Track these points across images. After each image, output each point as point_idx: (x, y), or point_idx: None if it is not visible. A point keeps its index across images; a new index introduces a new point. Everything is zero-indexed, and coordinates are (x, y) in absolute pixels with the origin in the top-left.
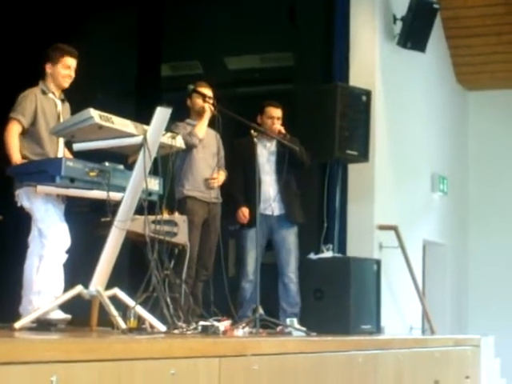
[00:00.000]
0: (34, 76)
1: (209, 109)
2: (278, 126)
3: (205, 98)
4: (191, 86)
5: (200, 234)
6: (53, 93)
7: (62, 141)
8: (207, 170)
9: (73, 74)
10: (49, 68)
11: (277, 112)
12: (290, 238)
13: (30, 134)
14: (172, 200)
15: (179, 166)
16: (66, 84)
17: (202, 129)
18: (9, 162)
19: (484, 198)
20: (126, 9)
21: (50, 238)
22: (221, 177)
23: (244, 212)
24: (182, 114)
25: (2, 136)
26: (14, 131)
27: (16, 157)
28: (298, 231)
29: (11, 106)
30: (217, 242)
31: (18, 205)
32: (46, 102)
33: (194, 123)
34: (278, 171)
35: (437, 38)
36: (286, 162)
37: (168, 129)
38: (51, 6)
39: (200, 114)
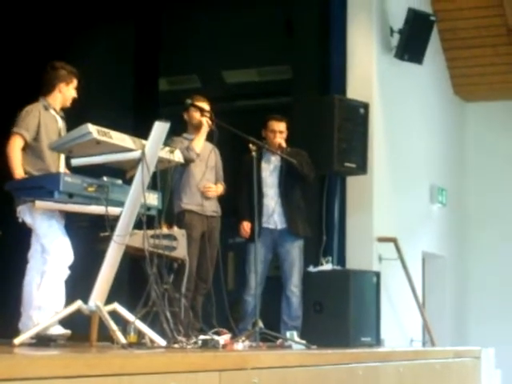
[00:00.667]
0: (32, 90)
1: (206, 123)
2: (278, 139)
3: (202, 111)
4: (189, 101)
5: (199, 248)
6: (54, 109)
7: (63, 156)
8: (205, 183)
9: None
10: (62, 87)
11: (279, 126)
12: (293, 251)
13: (32, 148)
14: (171, 214)
15: (177, 180)
16: (69, 104)
17: (199, 143)
18: (8, 177)
19: (483, 208)
20: (124, 23)
21: (52, 253)
22: (219, 189)
23: (245, 226)
24: (179, 128)
25: (4, 151)
26: (16, 146)
27: (18, 172)
28: (302, 245)
29: (10, 120)
30: (216, 255)
31: (20, 220)
32: (48, 118)
33: (191, 137)
34: (280, 185)
35: (434, 49)
36: (289, 176)
37: (165, 144)
38: (48, 21)
39: (197, 128)
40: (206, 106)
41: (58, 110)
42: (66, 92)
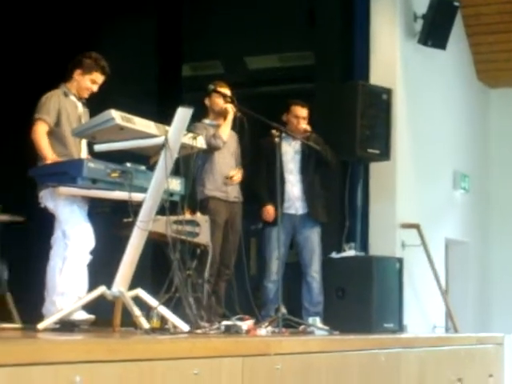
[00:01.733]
0: (56, 77)
1: (231, 109)
2: (303, 125)
3: (226, 98)
4: (211, 86)
5: (222, 234)
6: (74, 95)
7: (84, 142)
8: (227, 169)
9: (96, 90)
10: (77, 74)
11: (302, 111)
12: (313, 237)
13: (54, 134)
14: (193, 200)
15: (200, 167)
16: (86, 95)
17: (226, 131)
18: (30, 163)
19: (506, 194)
20: (146, 9)
21: (73, 238)
22: (239, 174)
23: (269, 210)
24: (202, 114)
25: (30, 138)
26: (41, 131)
27: (50, 155)
28: (321, 231)
29: (31, 107)
30: (238, 240)
31: (42, 206)
32: (69, 104)
33: (213, 123)
34: (302, 170)
35: (457, 35)
36: (310, 162)
37: (187, 130)
38: (72, 9)
39: (220, 114)
40: (228, 91)
41: (80, 97)
42: (80, 80)
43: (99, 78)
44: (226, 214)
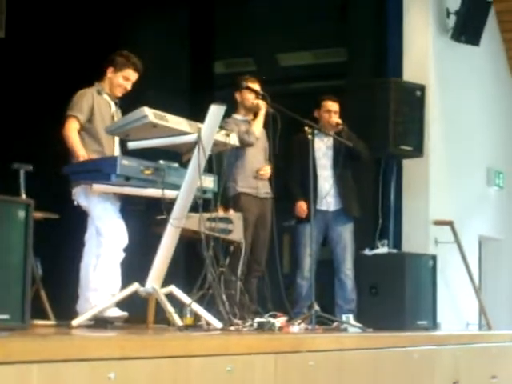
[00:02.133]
0: (90, 76)
1: (263, 106)
2: (335, 118)
3: (258, 94)
4: (244, 83)
5: (253, 230)
6: (107, 94)
7: (117, 139)
8: (258, 165)
9: (129, 87)
10: (110, 72)
11: (334, 106)
12: (345, 234)
13: (87, 131)
14: (225, 197)
15: (231, 163)
16: (119, 94)
17: (259, 127)
18: (65, 161)
19: None
20: (179, 6)
21: (107, 236)
22: (269, 169)
23: (301, 206)
24: (232, 109)
25: (61, 134)
26: (72, 128)
27: (81, 153)
28: (353, 227)
29: (65, 105)
30: (269, 237)
31: (75, 203)
32: (102, 102)
33: (244, 119)
34: (334, 166)
35: (491, 31)
36: (343, 157)
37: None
38: (105, 6)
39: (251, 110)
40: (257, 86)
41: (113, 96)
42: (113, 78)
43: (131, 74)
44: (257, 210)
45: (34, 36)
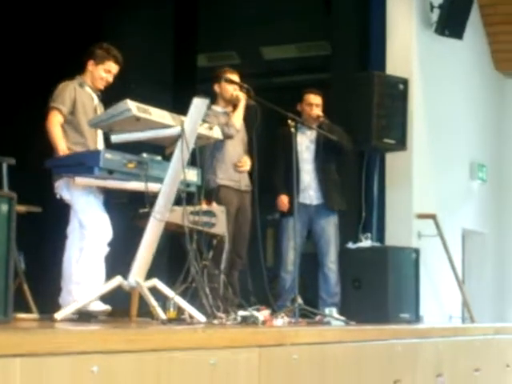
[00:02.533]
0: (71, 69)
1: (243, 97)
2: (316, 111)
3: (241, 86)
4: (226, 76)
5: (233, 223)
6: (90, 87)
7: (101, 132)
8: (237, 157)
9: (111, 80)
10: (90, 65)
11: (316, 99)
12: (329, 227)
13: (69, 123)
14: (204, 189)
15: (209, 155)
16: (101, 86)
17: (239, 119)
18: (48, 154)
19: None
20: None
21: (90, 228)
22: (248, 161)
23: (283, 199)
24: (211, 101)
25: (44, 127)
26: (55, 120)
27: (61, 147)
28: (337, 221)
29: (47, 98)
30: (249, 230)
31: (58, 196)
32: (84, 95)
33: (224, 111)
34: (317, 160)
35: (474, 25)
36: (325, 151)
37: None
38: None
39: (230, 101)
40: (237, 78)
41: (95, 89)
42: (94, 71)
43: (112, 67)
44: (238, 202)
45: (15, 28)
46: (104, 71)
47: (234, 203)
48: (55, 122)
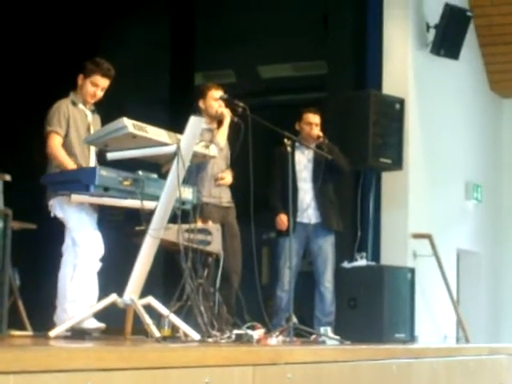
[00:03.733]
0: (67, 84)
1: (228, 114)
2: (316, 131)
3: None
4: (224, 96)
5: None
6: (83, 103)
7: (93, 151)
8: (218, 172)
9: (99, 94)
10: (80, 79)
11: (315, 118)
12: (326, 246)
13: (63, 144)
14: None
15: (193, 172)
16: (90, 100)
17: (223, 137)
18: (42, 171)
19: None
20: (159, 17)
21: (83, 246)
22: (229, 176)
23: (282, 219)
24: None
25: (46, 152)
26: (57, 144)
27: (71, 166)
28: (334, 240)
29: (42, 115)
30: (240, 246)
31: (52, 215)
32: (77, 113)
33: (208, 127)
34: (315, 179)
35: (470, 45)
36: (323, 170)
37: None
38: (84, 14)
39: (215, 118)
40: (221, 93)
41: (87, 103)
42: (82, 85)
43: (100, 80)
44: (220, 218)
45: (12, 44)
46: (91, 84)
47: (216, 219)
48: (57, 146)
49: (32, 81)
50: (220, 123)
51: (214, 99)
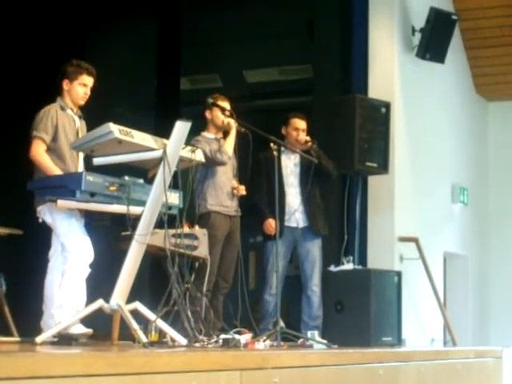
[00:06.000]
0: (51, 90)
1: (234, 124)
2: (303, 136)
3: (231, 113)
4: (210, 100)
5: (221, 248)
6: (71, 109)
7: (81, 156)
8: (227, 183)
9: (88, 92)
10: (65, 84)
11: (301, 123)
12: (313, 250)
13: (51, 149)
14: (192, 214)
15: (200, 180)
16: (82, 102)
17: (231, 146)
18: (29, 176)
19: (505, 208)
20: (145, 22)
21: (73, 252)
22: (243, 187)
23: (271, 223)
24: (201, 127)
25: (29, 155)
26: (40, 150)
27: (56, 172)
28: (321, 244)
29: (28, 121)
30: (237, 254)
31: (40, 221)
32: (65, 118)
33: (213, 137)
34: (302, 183)
35: (455, 49)
36: (310, 174)
37: (189, 143)
38: (70, 19)
39: (221, 128)
40: (227, 105)
41: (75, 108)
42: (70, 89)
43: (86, 79)
44: (227, 228)
45: None
46: (80, 86)
47: (224, 229)
48: (40, 152)
49: (17, 86)
50: (226, 133)
51: (220, 110)
